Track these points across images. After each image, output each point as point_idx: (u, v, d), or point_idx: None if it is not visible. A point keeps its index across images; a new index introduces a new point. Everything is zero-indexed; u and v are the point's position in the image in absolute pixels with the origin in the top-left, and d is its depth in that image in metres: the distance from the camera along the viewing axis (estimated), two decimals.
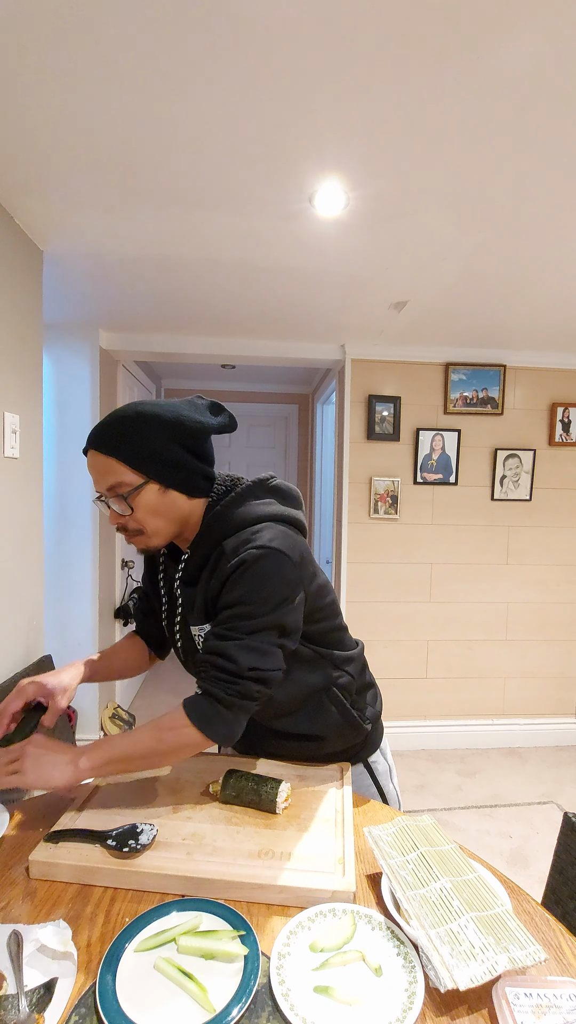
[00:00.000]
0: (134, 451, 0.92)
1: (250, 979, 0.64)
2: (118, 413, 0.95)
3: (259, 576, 0.90)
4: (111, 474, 0.93)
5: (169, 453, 0.94)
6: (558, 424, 3.05)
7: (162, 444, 0.94)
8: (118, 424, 0.93)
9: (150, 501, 0.95)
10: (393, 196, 1.53)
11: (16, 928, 0.71)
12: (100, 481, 0.95)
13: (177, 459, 0.95)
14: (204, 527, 0.98)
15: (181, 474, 0.96)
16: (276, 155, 1.35)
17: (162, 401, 0.97)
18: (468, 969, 0.64)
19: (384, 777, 1.15)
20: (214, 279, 2.13)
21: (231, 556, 0.92)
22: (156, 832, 0.86)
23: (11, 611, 1.77)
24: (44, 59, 1.08)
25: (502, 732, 3.15)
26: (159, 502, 0.96)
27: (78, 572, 2.85)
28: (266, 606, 0.90)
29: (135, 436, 0.93)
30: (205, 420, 0.98)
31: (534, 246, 1.80)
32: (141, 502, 0.94)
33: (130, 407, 0.95)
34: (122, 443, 0.92)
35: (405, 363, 2.99)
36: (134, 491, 0.93)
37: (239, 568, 0.91)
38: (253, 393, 4.52)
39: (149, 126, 1.26)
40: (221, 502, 0.99)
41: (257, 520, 0.96)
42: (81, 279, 2.18)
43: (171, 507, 0.97)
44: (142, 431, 0.93)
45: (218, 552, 0.96)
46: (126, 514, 0.95)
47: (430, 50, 1.03)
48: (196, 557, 0.99)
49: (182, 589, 1.03)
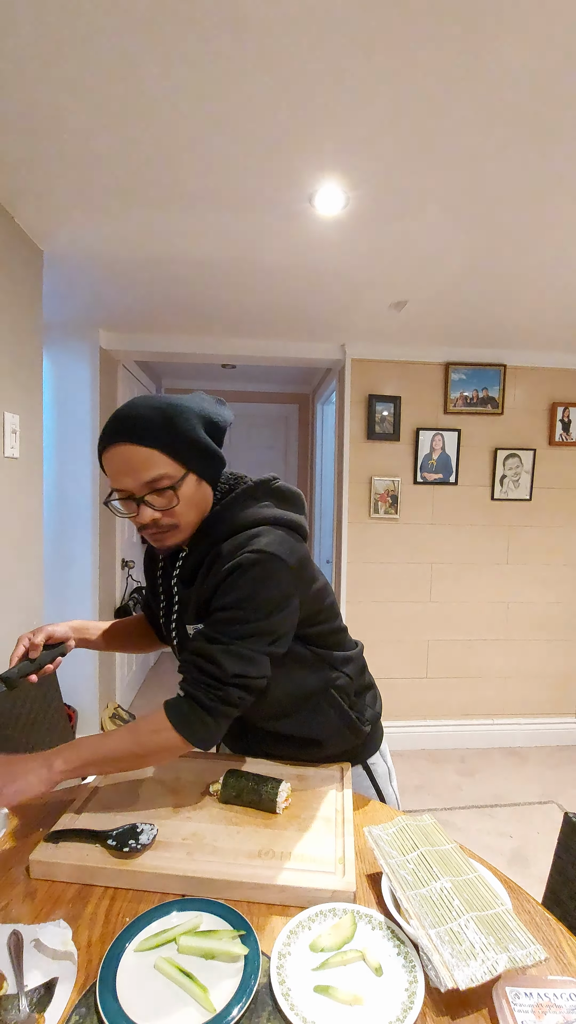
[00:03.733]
0: (174, 440, 0.88)
1: (250, 979, 0.64)
2: (148, 404, 0.90)
3: (254, 581, 0.88)
4: (152, 467, 0.87)
5: (200, 439, 0.92)
6: (558, 424, 3.05)
7: (194, 430, 0.91)
8: (155, 414, 0.88)
9: (190, 493, 0.92)
10: (393, 196, 1.53)
11: (16, 928, 0.71)
12: (136, 475, 0.88)
13: (212, 450, 0.93)
14: (203, 526, 0.96)
15: (213, 464, 0.95)
16: (276, 155, 1.35)
17: (178, 395, 0.95)
18: (468, 969, 0.64)
19: (383, 780, 1.14)
20: (214, 279, 2.13)
21: (227, 559, 0.91)
22: (156, 832, 0.86)
23: (11, 611, 1.77)
24: (44, 60, 1.08)
25: (502, 732, 3.15)
26: (195, 494, 0.93)
27: (78, 572, 2.85)
28: (259, 612, 0.89)
29: (174, 426, 0.89)
30: (223, 414, 0.98)
31: (534, 246, 1.80)
32: (184, 494, 0.91)
33: (154, 398, 0.92)
34: (161, 432, 0.87)
35: (405, 363, 2.99)
36: (179, 483, 0.89)
37: (235, 572, 0.89)
38: (253, 393, 4.52)
39: (149, 126, 1.26)
40: (222, 502, 0.97)
41: (255, 523, 0.94)
42: (81, 279, 2.18)
43: (204, 499, 0.96)
44: (180, 421, 0.89)
45: (214, 553, 0.94)
46: (171, 506, 0.90)
47: (430, 50, 1.03)
48: (194, 556, 0.98)
49: (179, 588, 1.02)
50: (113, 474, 0.90)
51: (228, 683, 0.87)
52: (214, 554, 0.94)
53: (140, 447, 0.87)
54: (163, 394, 0.95)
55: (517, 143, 1.29)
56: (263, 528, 0.93)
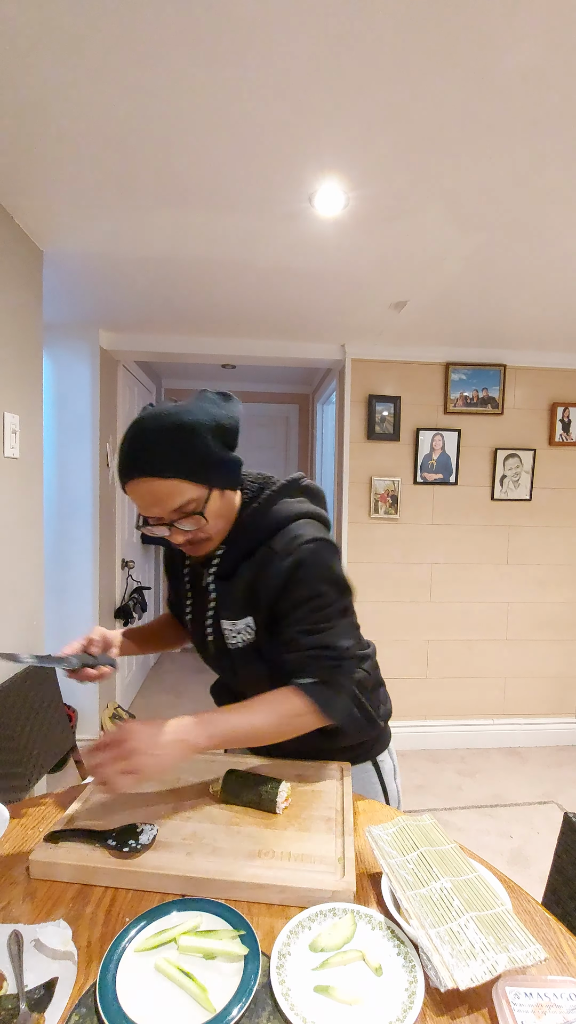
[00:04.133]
0: (194, 465, 0.89)
1: (250, 979, 0.64)
2: (159, 427, 0.88)
3: (320, 567, 0.95)
4: (177, 496, 0.89)
5: (217, 454, 0.92)
6: (558, 424, 3.05)
7: (209, 448, 0.91)
8: (167, 442, 0.88)
9: (216, 507, 0.94)
10: (393, 196, 1.53)
11: (16, 928, 0.71)
12: (162, 505, 0.90)
13: (227, 460, 0.94)
14: (242, 523, 0.99)
15: (232, 473, 0.96)
16: (276, 155, 1.36)
17: (186, 405, 0.92)
18: (468, 969, 0.64)
19: (388, 776, 1.17)
20: (214, 279, 2.14)
21: (284, 555, 0.94)
22: (156, 832, 0.86)
23: (11, 611, 1.77)
24: (45, 60, 1.08)
25: (502, 732, 3.15)
26: (221, 505, 0.96)
27: (78, 572, 2.85)
28: (335, 591, 0.96)
29: (190, 449, 0.88)
30: (233, 413, 0.96)
31: (534, 246, 1.80)
32: (211, 510, 0.93)
33: (164, 419, 0.89)
34: (180, 461, 0.88)
35: (405, 363, 2.99)
36: (205, 503, 0.92)
37: (299, 566, 0.93)
38: (253, 393, 4.52)
39: (149, 126, 1.26)
40: (258, 499, 1.00)
41: (296, 517, 0.99)
42: (81, 279, 2.18)
43: (230, 507, 0.99)
44: (194, 442, 0.89)
45: (265, 550, 0.97)
46: (201, 525, 0.93)
47: (430, 50, 1.03)
48: (234, 552, 1.00)
49: (217, 583, 1.02)
50: (140, 505, 0.92)
51: (347, 658, 0.96)
52: (265, 550, 0.97)
53: (161, 480, 0.88)
54: (169, 405, 0.92)
55: (517, 143, 1.29)
56: (304, 521, 0.99)
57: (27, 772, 1.61)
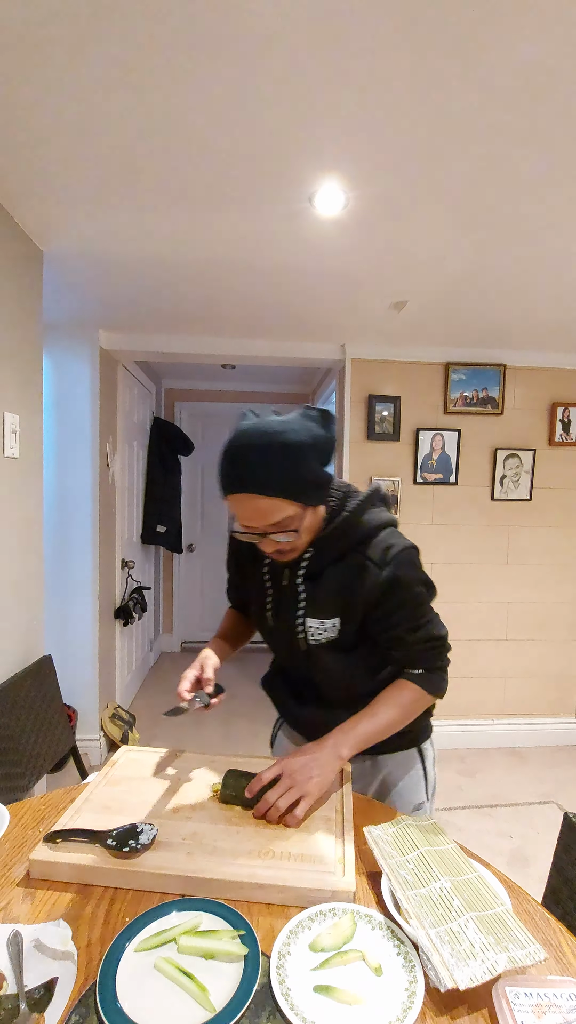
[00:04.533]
0: (294, 486, 0.93)
1: (250, 979, 0.64)
2: (267, 445, 0.91)
3: (416, 570, 1.06)
4: (277, 512, 0.94)
5: (317, 476, 0.97)
6: (558, 424, 3.05)
7: (313, 471, 0.96)
8: (274, 462, 0.91)
9: (308, 523, 1.01)
10: (393, 196, 1.53)
11: (16, 928, 0.71)
12: (261, 520, 0.95)
13: (323, 479, 0.99)
14: (335, 530, 1.05)
15: (324, 490, 1.02)
16: (276, 155, 1.36)
17: (291, 423, 0.94)
18: (468, 969, 0.64)
19: (430, 763, 1.24)
20: (214, 279, 2.14)
21: (381, 564, 1.03)
22: (156, 832, 0.86)
23: (11, 611, 1.77)
24: (45, 60, 1.08)
25: (502, 732, 3.15)
26: (312, 521, 1.02)
27: (78, 572, 2.84)
28: (428, 590, 1.09)
29: (292, 471, 0.92)
30: (332, 433, 1.00)
31: (534, 246, 1.80)
32: (304, 527, 0.99)
33: (271, 437, 0.91)
34: (285, 481, 0.92)
35: (405, 363, 2.99)
36: (302, 520, 0.98)
37: (397, 575, 1.02)
38: (253, 393, 4.52)
39: (149, 127, 1.26)
40: (346, 508, 1.06)
41: (383, 526, 1.07)
42: (81, 279, 2.18)
43: (318, 519, 1.04)
44: (298, 464, 0.93)
45: (357, 557, 1.05)
46: (292, 540, 0.99)
47: (430, 50, 1.03)
48: (325, 556, 1.06)
49: (305, 583, 1.08)
50: (240, 516, 0.97)
51: (446, 645, 1.11)
52: (359, 558, 1.04)
53: (265, 498, 0.93)
54: (274, 421, 0.94)
55: (517, 143, 1.29)
56: (391, 530, 1.08)
57: (27, 772, 1.61)
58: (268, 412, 0.98)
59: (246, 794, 0.94)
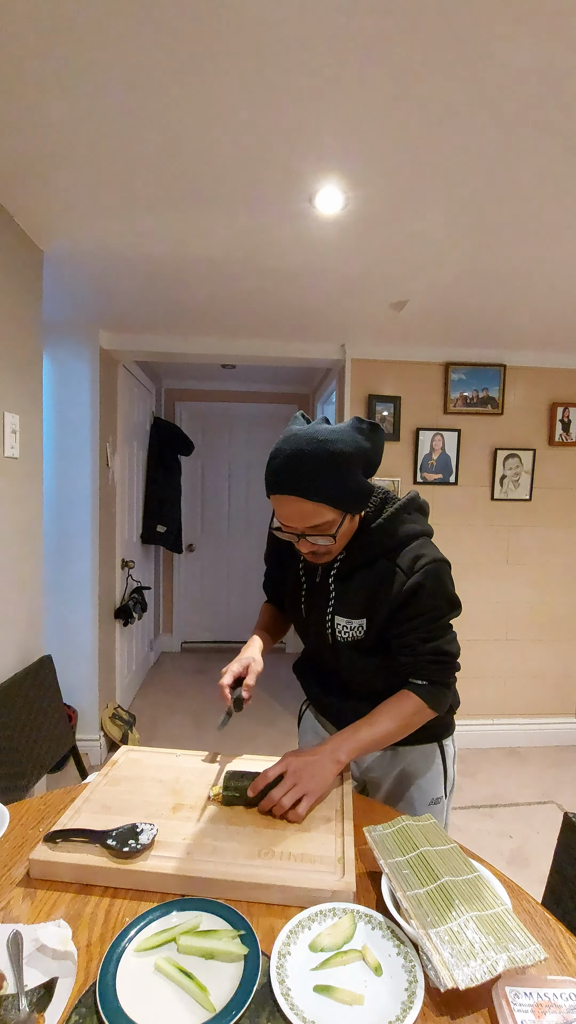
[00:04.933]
0: (337, 494, 0.97)
1: (250, 979, 0.64)
2: (318, 452, 0.94)
3: (442, 584, 1.07)
4: (317, 517, 0.98)
5: (360, 487, 1.00)
6: (558, 424, 3.05)
7: (357, 480, 0.99)
8: (322, 469, 0.94)
9: (345, 529, 1.04)
10: (393, 196, 1.53)
11: (16, 928, 0.71)
12: (302, 522, 0.99)
13: (365, 490, 1.03)
14: (370, 536, 1.08)
15: (366, 500, 1.04)
16: (276, 155, 1.36)
17: (341, 433, 0.97)
18: (468, 968, 0.64)
19: (450, 760, 1.28)
20: (214, 279, 2.14)
21: (409, 572, 1.05)
22: (156, 832, 0.86)
23: (11, 611, 1.77)
24: (45, 60, 1.08)
25: (502, 732, 3.15)
26: (350, 527, 1.06)
27: (78, 572, 2.84)
28: (450, 606, 1.09)
29: (337, 479, 0.96)
30: (379, 445, 1.03)
31: (534, 246, 1.80)
32: (341, 532, 1.03)
33: (321, 444, 0.95)
34: (330, 488, 0.96)
35: (405, 363, 2.99)
36: (339, 527, 1.00)
37: (423, 584, 1.04)
38: (253, 393, 4.52)
39: (149, 127, 1.26)
40: (382, 515, 1.08)
41: (416, 536, 1.09)
42: (81, 279, 2.18)
43: (355, 526, 1.08)
44: (343, 473, 0.96)
45: (387, 563, 1.07)
46: (330, 543, 1.02)
47: (430, 50, 1.03)
48: (357, 559, 1.09)
49: (336, 583, 1.12)
50: (281, 516, 1.01)
51: (456, 664, 1.11)
52: (388, 563, 1.07)
53: (308, 502, 0.96)
54: (324, 429, 0.98)
55: (518, 143, 1.29)
56: (423, 540, 1.10)
57: (27, 772, 1.61)
58: (321, 419, 1.03)
59: (249, 792, 0.96)
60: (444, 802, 1.25)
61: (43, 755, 1.71)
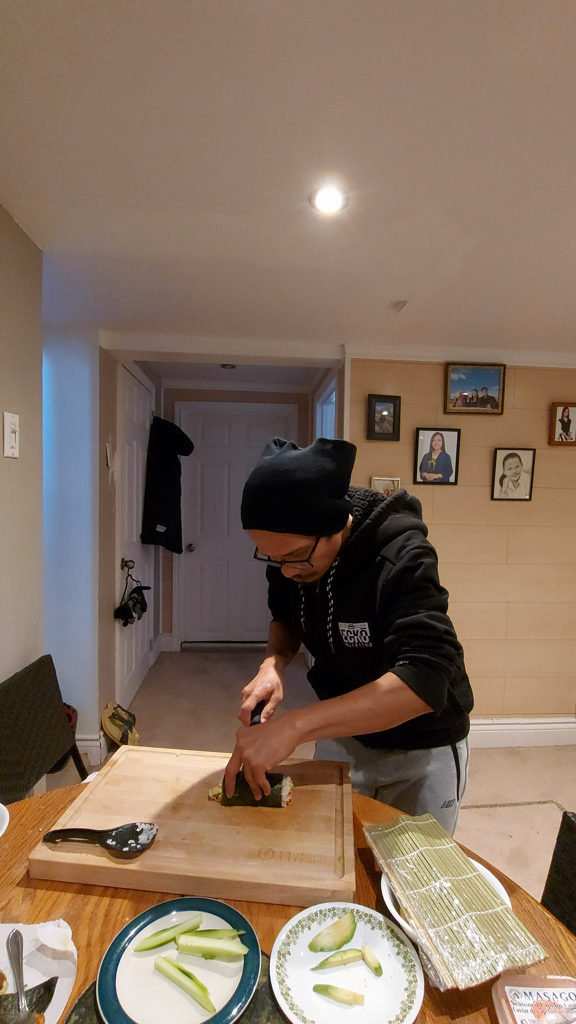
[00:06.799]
0: (304, 522, 0.98)
1: (250, 978, 0.65)
2: (275, 485, 0.97)
3: (425, 568, 1.05)
4: (288, 545, 1.00)
5: (328, 509, 1.00)
6: (558, 424, 3.05)
7: (324, 505, 0.99)
8: (283, 501, 0.96)
9: (321, 551, 1.05)
10: (392, 196, 1.53)
11: (16, 928, 0.71)
12: (275, 551, 1.02)
13: (335, 510, 1.02)
14: (358, 538, 1.09)
15: (340, 519, 1.04)
16: (276, 155, 1.35)
17: (303, 460, 0.99)
18: (468, 968, 0.64)
19: (463, 762, 1.25)
20: (214, 279, 2.13)
21: (395, 560, 1.05)
22: (156, 832, 0.86)
23: (11, 611, 1.77)
24: (44, 60, 1.08)
25: (502, 732, 3.15)
26: (327, 547, 1.06)
27: (78, 572, 2.85)
28: (435, 588, 1.06)
29: (302, 508, 0.97)
30: (347, 463, 1.04)
31: (534, 246, 1.80)
32: (316, 555, 1.04)
33: (283, 476, 0.97)
34: (294, 518, 0.97)
35: (405, 363, 2.99)
36: (312, 551, 1.02)
37: (406, 568, 1.03)
38: (253, 393, 4.52)
39: (149, 126, 1.26)
40: (370, 516, 1.10)
41: (405, 529, 1.10)
42: (81, 279, 2.18)
43: (335, 545, 1.08)
44: (308, 501, 0.97)
45: (378, 560, 1.08)
46: (308, 566, 1.04)
47: (429, 50, 1.03)
48: (353, 562, 1.10)
49: (334, 590, 1.13)
50: (258, 546, 1.03)
51: (443, 640, 1.00)
52: (378, 560, 1.08)
53: (275, 533, 0.99)
54: (287, 459, 1.00)
55: (517, 143, 1.29)
56: (411, 532, 1.10)
57: (27, 772, 1.61)
58: (288, 447, 1.05)
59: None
60: (455, 804, 1.24)
61: (43, 755, 1.71)
